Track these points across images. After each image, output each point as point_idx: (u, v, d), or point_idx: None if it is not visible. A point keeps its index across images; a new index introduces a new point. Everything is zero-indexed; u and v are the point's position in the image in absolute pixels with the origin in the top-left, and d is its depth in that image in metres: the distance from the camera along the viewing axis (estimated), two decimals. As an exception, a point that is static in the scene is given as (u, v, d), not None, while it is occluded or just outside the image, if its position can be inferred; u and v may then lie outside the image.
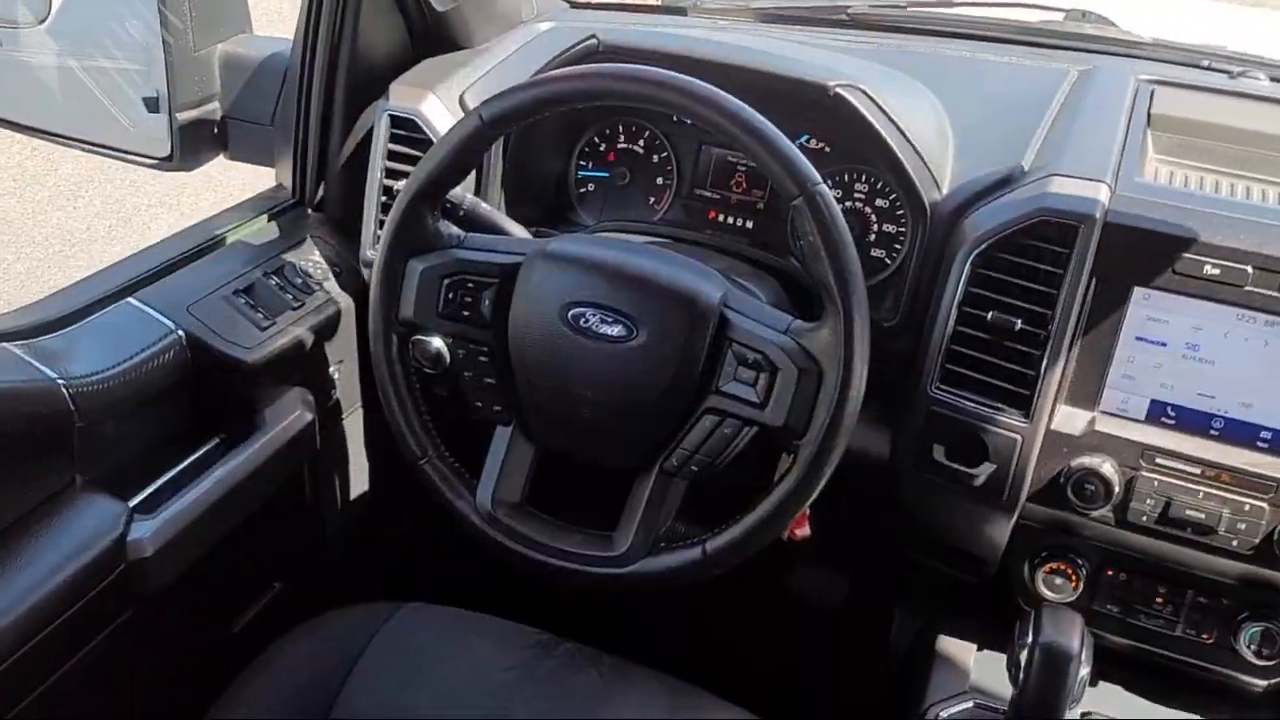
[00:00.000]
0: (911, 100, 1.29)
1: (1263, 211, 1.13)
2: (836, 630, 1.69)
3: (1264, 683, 1.16)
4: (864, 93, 1.19)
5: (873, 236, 1.32)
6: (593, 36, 1.25)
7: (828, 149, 1.33)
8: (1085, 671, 0.96)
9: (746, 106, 0.99)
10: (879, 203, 1.32)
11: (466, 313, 1.09)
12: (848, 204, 1.33)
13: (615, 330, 1.04)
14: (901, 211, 1.30)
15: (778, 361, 1.01)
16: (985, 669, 1.22)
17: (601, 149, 1.42)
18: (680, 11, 1.65)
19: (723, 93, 0.99)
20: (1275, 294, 1.05)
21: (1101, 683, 1.23)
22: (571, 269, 1.06)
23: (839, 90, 1.18)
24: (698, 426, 1.05)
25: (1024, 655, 0.96)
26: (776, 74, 1.21)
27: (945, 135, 1.28)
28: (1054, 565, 1.18)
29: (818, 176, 0.99)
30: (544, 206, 1.42)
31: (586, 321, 1.05)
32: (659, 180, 1.41)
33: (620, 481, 1.11)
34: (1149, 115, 1.28)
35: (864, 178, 1.32)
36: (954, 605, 1.33)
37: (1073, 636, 0.96)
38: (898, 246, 1.31)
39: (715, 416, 1.04)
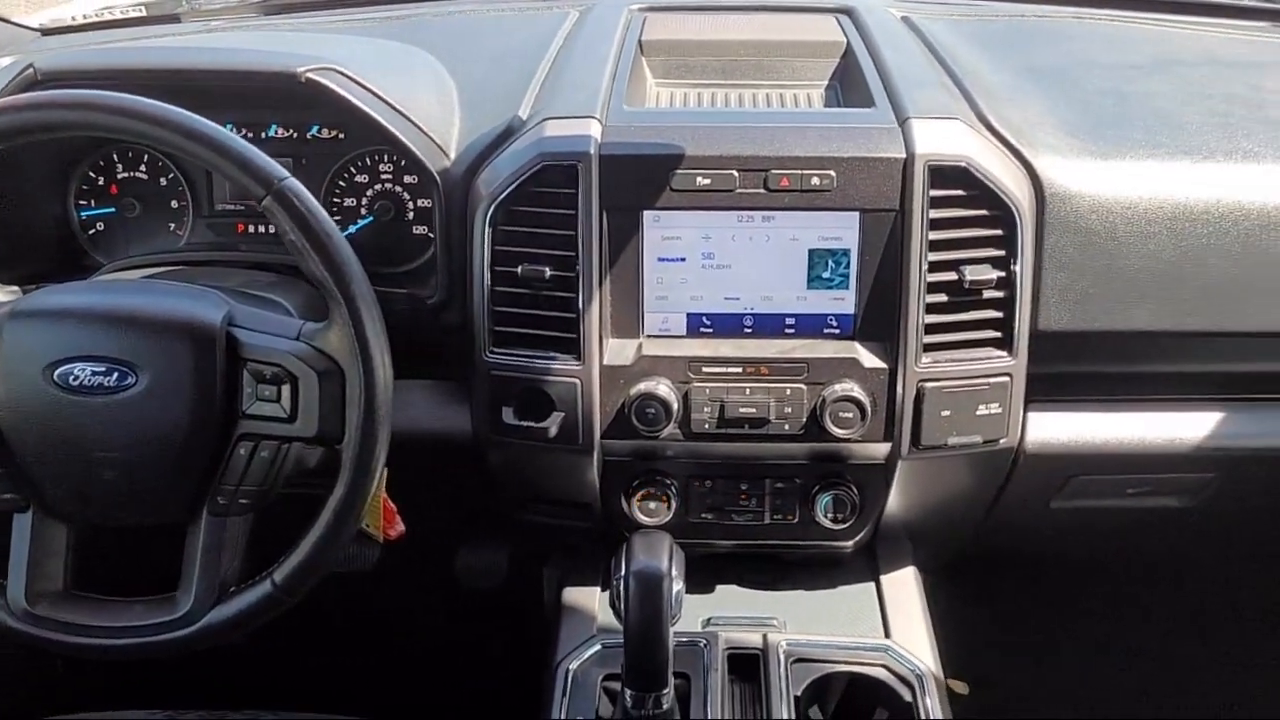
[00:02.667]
0: (404, 70, 1.26)
1: (741, 116, 1.19)
2: (506, 606, 1.68)
3: (849, 543, 1.25)
4: (339, 74, 1.14)
5: (410, 214, 1.29)
6: (30, 66, 1.12)
7: (341, 136, 1.28)
8: (679, 587, 0.98)
9: (188, 114, 0.92)
10: (407, 179, 1.28)
11: None
12: (378, 186, 1.29)
13: (112, 380, 0.95)
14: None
15: (295, 370, 0.96)
16: (608, 609, 1.24)
17: (101, 183, 1.30)
18: (173, 19, 1.54)
19: (159, 104, 0.92)
20: (762, 191, 1.11)
21: (719, 586, 1.28)
22: (47, 325, 0.96)
23: (310, 76, 1.13)
24: (234, 458, 0.98)
25: (621, 586, 0.98)
26: (241, 70, 1.14)
27: (449, 99, 1.26)
28: (645, 491, 1.21)
29: (283, 172, 0.94)
30: (49, 258, 1.28)
31: (77, 378, 0.95)
32: (175, 204, 1.31)
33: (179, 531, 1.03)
34: (640, 43, 1.32)
35: (385, 157, 1.28)
36: (583, 553, 1.34)
37: (660, 557, 0.98)
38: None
39: (250, 442, 0.98)
